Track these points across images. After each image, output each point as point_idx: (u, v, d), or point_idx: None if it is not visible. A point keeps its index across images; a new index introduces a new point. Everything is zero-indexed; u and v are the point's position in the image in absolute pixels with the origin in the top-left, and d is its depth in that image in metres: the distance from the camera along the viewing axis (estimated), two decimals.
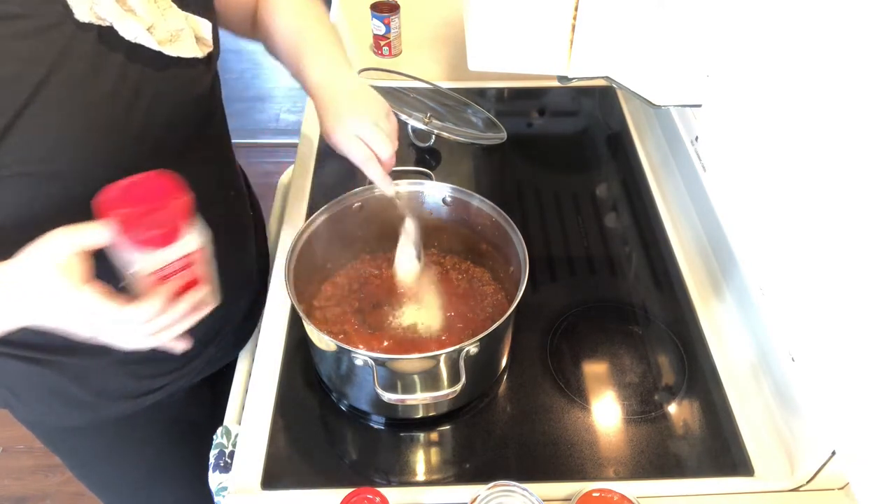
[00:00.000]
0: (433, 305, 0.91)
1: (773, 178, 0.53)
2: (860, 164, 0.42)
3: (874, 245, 0.41)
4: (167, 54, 0.66)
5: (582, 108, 1.39)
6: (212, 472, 0.81)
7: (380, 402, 0.76)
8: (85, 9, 0.60)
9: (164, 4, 0.66)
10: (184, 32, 0.68)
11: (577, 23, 0.68)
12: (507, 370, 0.89)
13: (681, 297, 0.99)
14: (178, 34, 0.67)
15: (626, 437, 0.82)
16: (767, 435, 0.82)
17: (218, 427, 0.84)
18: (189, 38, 0.68)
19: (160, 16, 0.65)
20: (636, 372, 0.89)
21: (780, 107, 0.51)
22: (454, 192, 0.91)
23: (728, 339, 0.93)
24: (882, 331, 0.41)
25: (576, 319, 0.96)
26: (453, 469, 0.80)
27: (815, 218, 0.47)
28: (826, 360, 0.47)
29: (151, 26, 0.64)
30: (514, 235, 0.85)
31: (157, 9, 0.65)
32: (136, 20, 0.63)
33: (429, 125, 1.08)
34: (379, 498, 0.67)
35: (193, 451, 0.99)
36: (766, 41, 0.53)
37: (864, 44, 0.41)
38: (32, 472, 1.73)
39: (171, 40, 0.66)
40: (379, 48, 1.42)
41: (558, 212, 1.13)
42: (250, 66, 3.12)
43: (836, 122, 0.44)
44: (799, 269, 0.50)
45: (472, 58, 0.74)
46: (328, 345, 0.76)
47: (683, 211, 1.11)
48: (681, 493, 0.77)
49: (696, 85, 0.68)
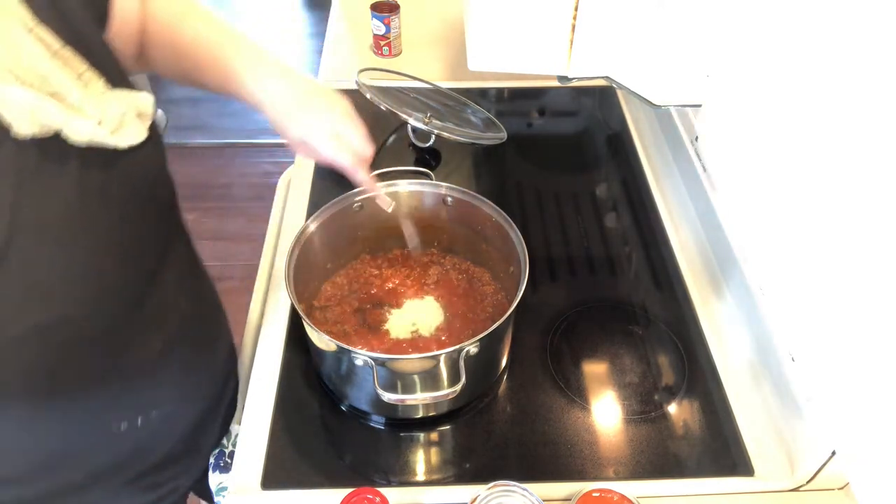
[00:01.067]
0: (433, 305, 0.91)
1: (772, 178, 0.53)
2: (860, 163, 0.42)
3: (874, 245, 0.41)
4: (121, 147, 0.58)
5: (582, 108, 1.39)
6: (212, 472, 0.81)
7: (380, 402, 0.76)
8: (26, 121, 0.51)
9: (97, 88, 0.57)
10: (127, 115, 0.59)
11: (577, 23, 0.68)
12: (507, 370, 0.89)
13: (681, 297, 0.99)
14: (122, 119, 0.59)
15: (626, 437, 0.82)
16: (767, 435, 0.82)
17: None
18: (133, 120, 0.60)
19: (101, 103, 0.57)
20: (636, 372, 0.89)
21: (780, 107, 0.51)
22: (454, 192, 0.91)
23: (728, 339, 0.93)
24: (882, 331, 0.41)
25: (576, 319, 0.96)
26: (453, 469, 0.80)
27: (815, 218, 0.47)
28: (826, 360, 0.47)
29: (101, 121, 0.56)
30: (514, 235, 0.85)
31: (93, 95, 0.56)
32: (83, 118, 0.55)
33: (429, 125, 1.08)
34: (379, 498, 0.67)
35: None
36: (765, 41, 0.53)
37: (864, 43, 0.41)
38: None
39: (118, 128, 0.58)
40: (379, 48, 1.42)
41: (558, 212, 1.13)
42: None
43: (836, 122, 0.44)
44: (799, 269, 0.50)
45: (472, 58, 0.74)
46: (328, 345, 0.76)
47: (683, 211, 1.11)
48: (681, 493, 0.77)
49: (696, 85, 0.68)
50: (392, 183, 0.91)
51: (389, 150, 1.23)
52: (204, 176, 2.56)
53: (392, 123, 1.25)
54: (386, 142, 1.25)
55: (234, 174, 2.58)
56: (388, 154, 1.22)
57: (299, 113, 0.74)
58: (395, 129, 1.26)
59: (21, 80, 0.51)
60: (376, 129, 1.26)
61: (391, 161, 1.19)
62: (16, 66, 0.51)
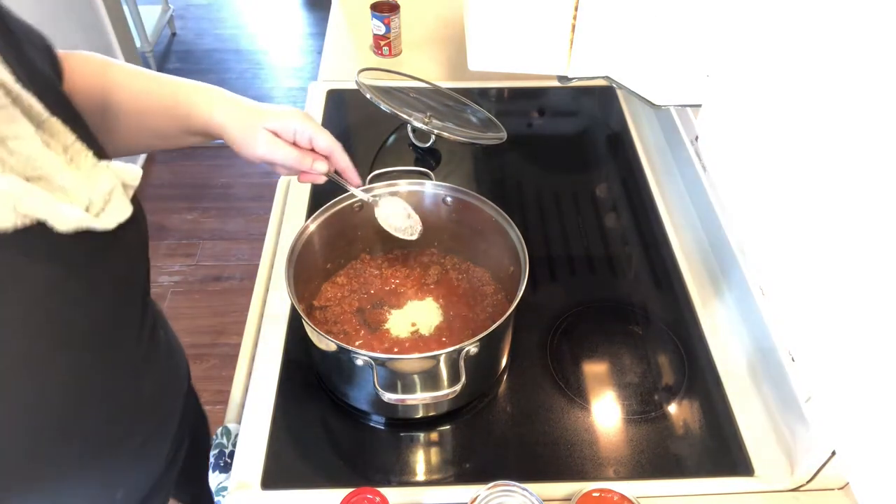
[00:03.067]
0: (433, 305, 0.91)
1: (773, 178, 0.53)
2: (860, 163, 0.42)
3: (874, 245, 0.41)
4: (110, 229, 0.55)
5: (582, 108, 1.39)
6: (212, 472, 0.81)
7: (380, 402, 0.76)
8: (8, 213, 0.47)
9: (85, 163, 0.54)
10: (115, 191, 0.56)
11: (577, 23, 0.68)
12: (507, 370, 0.89)
13: (681, 297, 0.99)
14: (109, 196, 0.55)
15: (626, 437, 0.82)
16: (767, 435, 0.82)
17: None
18: (120, 196, 0.56)
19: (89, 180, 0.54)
20: (636, 372, 0.89)
21: (780, 106, 0.51)
22: (454, 192, 0.91)
23: (728, 339, 0.93)
24: (882, 330, 0.41)
25: (576, 319, 0.96)
26: (453, 469, 0.80)
27: (816, 217, 0.47)
28: (826, 360, 0.47)
29: (90, 204, 0.53)
30: (514, 235, 0.85)
31: (81, 172, 0.53)
32: (71, 203, 0.51)
33: (429, 125, 1.08)
34: (379, 498, 0.67)
35: None
36: (766, 41, 0.53)
37: (864, 43, 0.41)
38: None
39: (104, 208, 0.55)
40: (379, 48, 1.42)
41: (558, 212, 1.13)
42: (250, 66, 3.13)
43: (836, 122, 0.44)
44: (799, 269, 0.50)
45: (472, 58, 0.74)
46: (328, 345, 0.76)
47: (683, 211, 1.11)
48: (681, 493, 0.77)
49: (696, 85, 0.68)
50: (392, 183, 0.91)
51: (389, 150, 1.23)
52: (204, 176, 2.56)
53: (392, 123, 1.25)
54: (386, 142, 1.25)
55: (234, 174, 2.58)
56: (388, 154, 1.22)
57: (263, 119, 0.74)
58: (395, 129, 1.26)
59: (4, 165, 0.48)
60: (376, 129, 1.27)
61: (391, 161, 1.19)
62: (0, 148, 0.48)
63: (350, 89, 1.22)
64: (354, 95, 1.16)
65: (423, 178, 0.94)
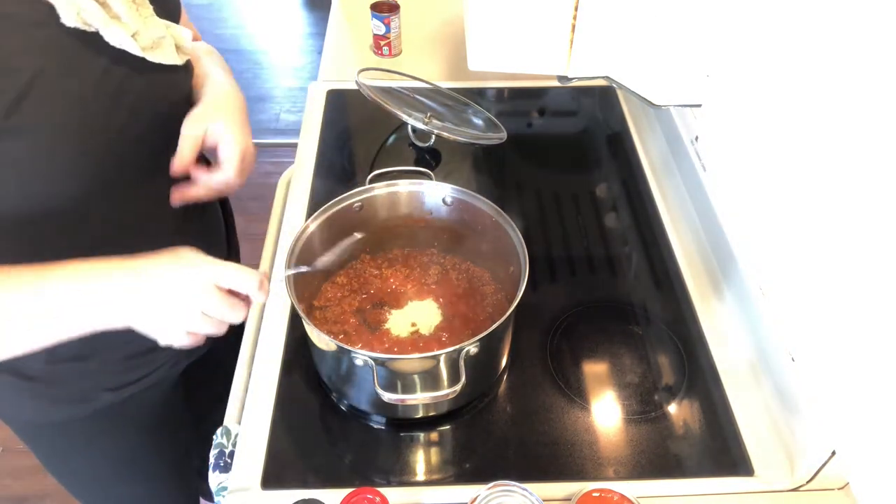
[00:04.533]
0: (433, 305, 0.91)
1: (772, 178, 0.53)
2: (860, 163, 0.42)
3: (874, 245, 0.41)
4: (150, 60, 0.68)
5: (582, 108, 1.39)
6: (212, 472, 0.81)
7: (380, 402, 0.76)
8: (72, 14, 0.61)
9: (145, 12, 0.68)
10: (165, 40, 0.70)
11: (577, 23, 0.68)
12: (507, 370, 0.89)
13: (681, 297, 0.99)
14: (159, 42, 0.69)
15: (626, 437, 0.82)
16: (767, 435, 0.82)
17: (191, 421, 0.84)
18: (170, 46, 0.71)
19: (143, 23, 0.67)
20: (636, 372, 0.89)
21: (780, 107, 0.51)
22: (454, 192, 0.91)
23: (728, 339, 0.93)
24: (882, 331, 0.41)
25: (576, 319, 0.96)
26: (453, 469, 0.80)
27: (815, 218, 0.47)
28: (826, 360, 0.47)
29: (136, 33, 0.66)
30: (514, 235, 0.85)
31: (140, 16, 0.67)
32: (120, 27, 0.64)
33: (429, 125, 1.08)
34: (379, 498, 0.67)
35: (167, 443, 1.01)
36: (765, 41, 0.53)
37: (864, 43, 0.41)
38: (32, 472, 1.73)
39: (153, 47, 0.69)
40: (379, 48, 1.42)
41: (558, 212, 1.13)
42: (250, 66, 3.12)
43: (836, 122, 0.44)
44: (799, 269, 0.50)
45: (472, 58, 0.74)
46: (328, 345, 0.76)
47: (683, 211, 1.11)
48: (681, 493, 0.77)
49: (696, 85, 0.68)
50: (392, 183, 0.91)
51: (389, 150, 1.23)
52: None
53: (392, 123, 1.25)
54: (386, 142, 1.25)
55: None
56: (388, 154, 1.22)
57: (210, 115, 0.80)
58: (395, 129, 1.26)
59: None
60: (376, 129, 1.27)
61: (391, 161, 1.19)
62: None
63: (350, 89, 1.21)
64: (354, 95, 1.16)
65: (423, 178, 0.94)
